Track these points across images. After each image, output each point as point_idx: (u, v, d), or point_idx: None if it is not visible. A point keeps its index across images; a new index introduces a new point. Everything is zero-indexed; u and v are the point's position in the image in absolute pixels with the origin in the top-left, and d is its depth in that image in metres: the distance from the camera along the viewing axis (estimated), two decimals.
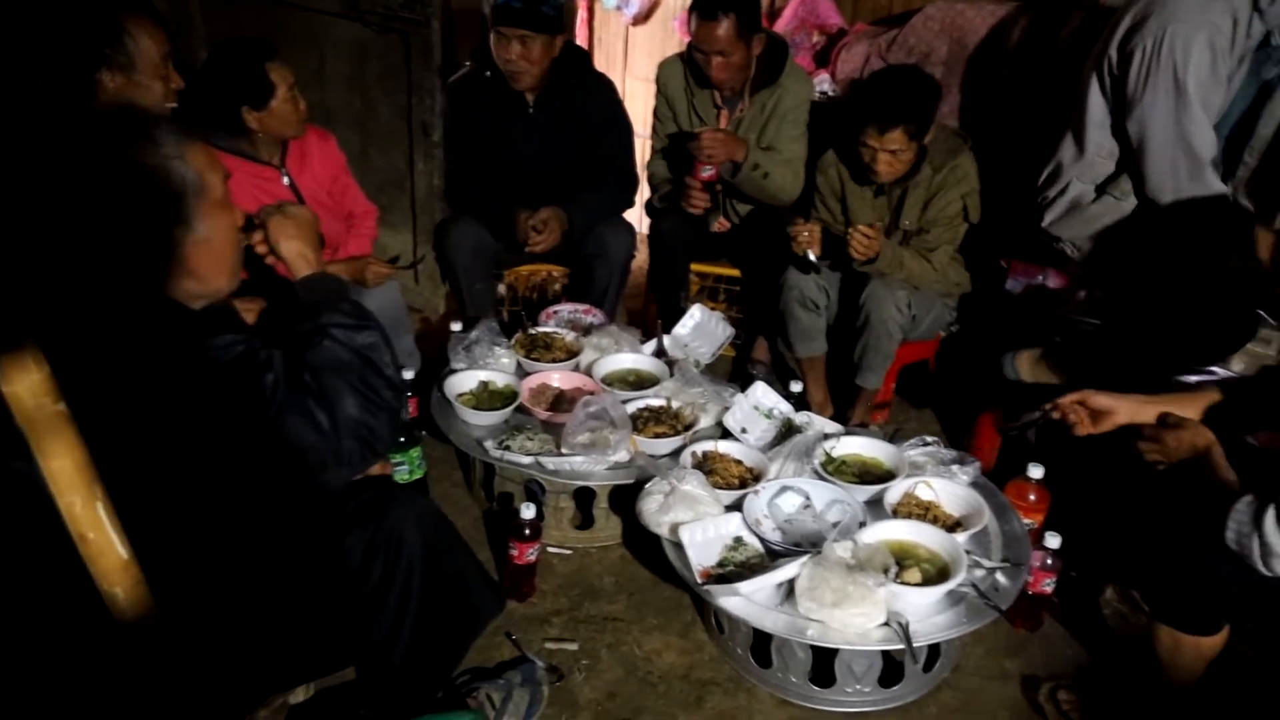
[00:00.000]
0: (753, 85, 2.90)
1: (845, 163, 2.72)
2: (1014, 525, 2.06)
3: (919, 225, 2.67)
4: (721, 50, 2.72)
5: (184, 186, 1.28)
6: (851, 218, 2.74)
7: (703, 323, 2.78)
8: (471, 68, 2.91)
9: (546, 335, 2.69)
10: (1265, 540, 1.51)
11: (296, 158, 2.45)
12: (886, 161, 2.53)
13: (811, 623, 1.76)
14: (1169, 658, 1.74)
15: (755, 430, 2.37)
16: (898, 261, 2.63)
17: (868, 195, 2.72)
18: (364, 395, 1.34)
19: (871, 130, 2.48)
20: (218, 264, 1.34)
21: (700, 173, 2.83)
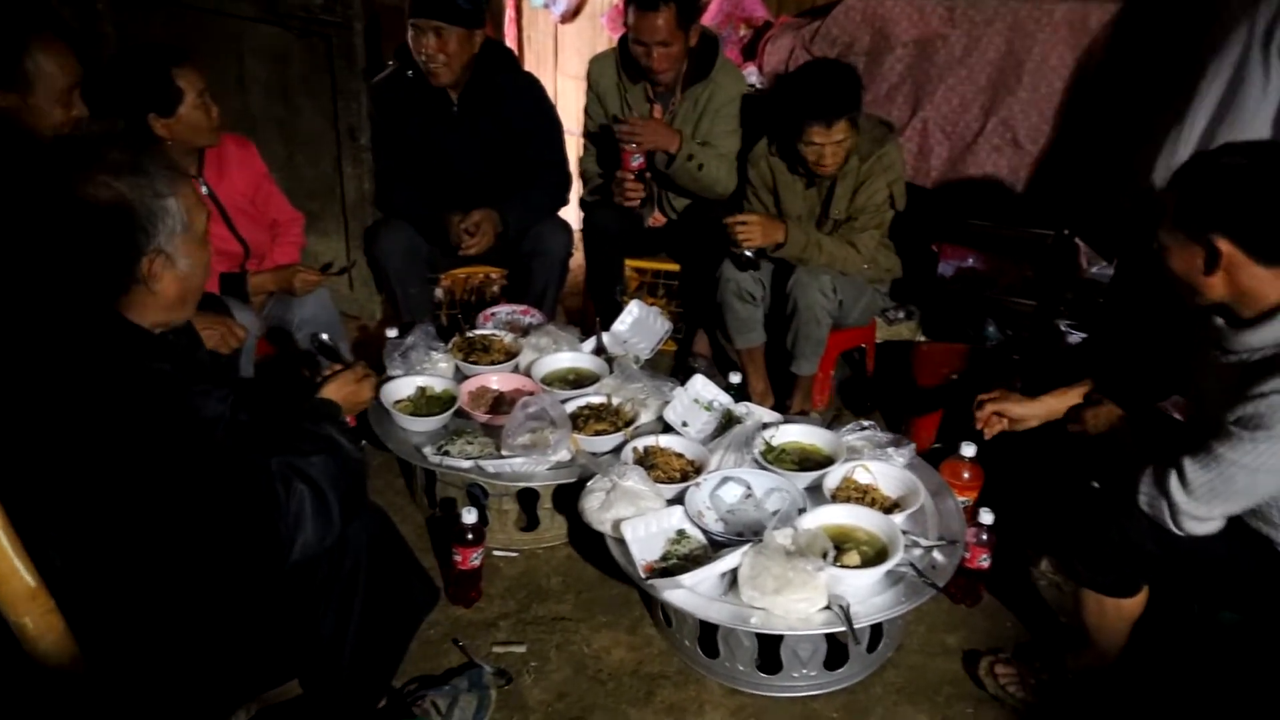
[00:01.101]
0: (685, 80, 2.91)
1: (776, 155, 2.74)
2: (949, 504, 2.10)
3: (847, 213, 2.71)
4: (662, 40, 2.74)
5: (172, 223, 1.34)
6: (784, 209, 2.77)
7: (641, 319, 2.79)
8: (394, 67, 2.87)
9: (484, 337, 2.67)
10: (1173, 501, 1.58)
11: (214, 166, 2.39)
12: (834, 154, 2.55)
13: (755, 610, 1.78)
14: (1096, 621, 1.81)
15: (696, 423, 2.38)
16: (815, 246, 2.65)
17: (799, 187, 2.75)
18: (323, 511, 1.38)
19: (818, 127, 2.49)
20: (188, 296, 1.42)
21: (630, 162, 2.83)
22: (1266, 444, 1.48)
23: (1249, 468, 1.50)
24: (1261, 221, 1.47)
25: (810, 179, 2.72)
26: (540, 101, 3.00)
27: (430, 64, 2.71)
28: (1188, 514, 1.58)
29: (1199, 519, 1.59)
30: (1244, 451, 1.50)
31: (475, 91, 2.84)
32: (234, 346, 2.12)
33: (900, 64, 3.01)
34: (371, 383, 1.71)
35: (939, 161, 3.01)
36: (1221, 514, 1.59)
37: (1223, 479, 1.53)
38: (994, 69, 2.88)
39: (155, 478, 1.25)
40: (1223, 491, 1.54)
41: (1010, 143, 2.90)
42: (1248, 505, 1.58)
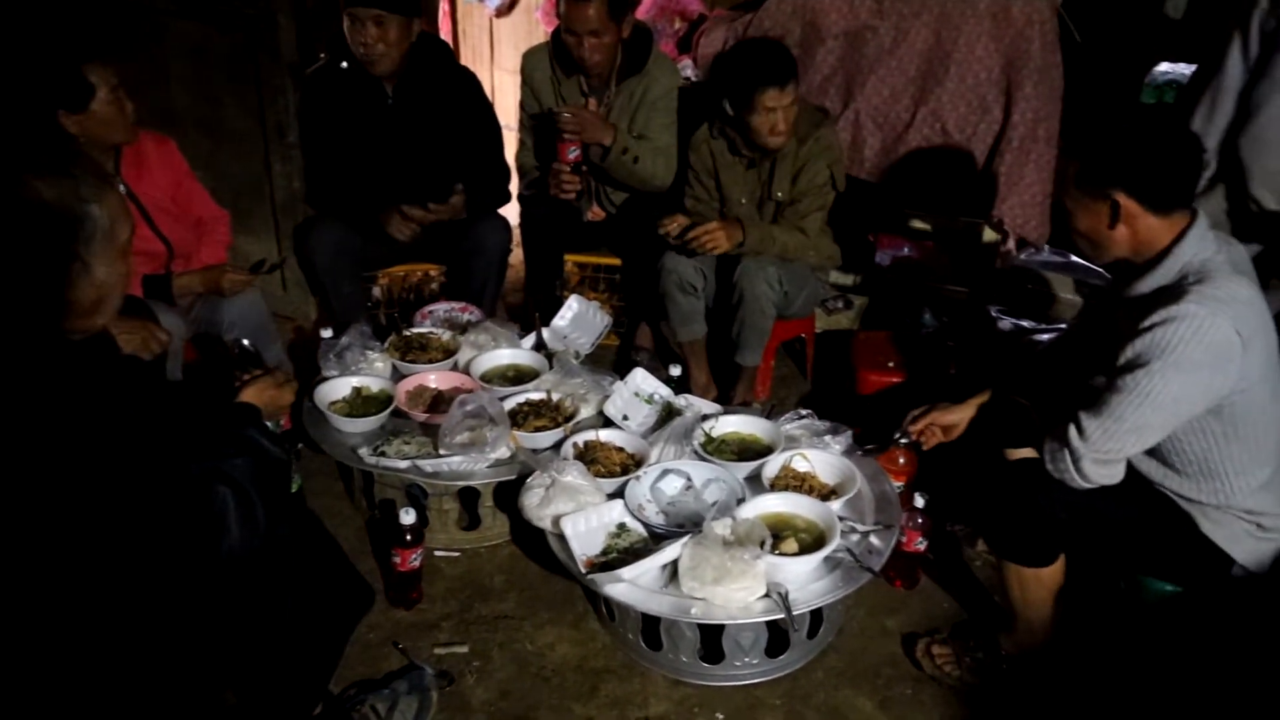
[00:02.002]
0: (619, 73, 2.90)
1: (718, 137, 2.76)
2: (885, 489, 2.13)
3: (790, 196, 2.74)
4: (594, 30, 2.72)
5: (94, 231, 1.30)
6: (725, 192, 2.79)
7: (581, 313, 2.77)
8: (327, 60, 2.81)
9: (422, 336, 2.63)
10: (1072, 449, 1.68)
11: (133, 164, 2.32)
12: (786, 120, 2.58)
13: (695, 601, 1.79)
14: (1019, 594, 1.87)
15: (636, 417, 2.38)
16: (769, 238, 2.68)
17: (740, 169, 2.77)
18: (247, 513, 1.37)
19: (773, 91, 2.53)
20: (105, 306, 1.38)
21: (566, 155, 2.81)
22: (1147, 379, 1.59)
23: (1135, 405, 1.61)
24: (1152, 175, 1.62)
25: (751, 161, 2.74)
26: (476, 96, 2.96)
27: (370, 53, 2.66)
28: (1086, 459, 1.67)
29: (1098, 462, 1.68)
30: (1129, 390, 1.61)
31: (410, 84, 2.79)
32: (156, 351, 2.06)
33: (831, 56, 3.04)
34: (293, 387, 1.70)
35: (871, 152, 3.05)
36: (1117, 455, 1.68)
37: (1114, 419, 1.63)
38: (922, 60, 2.93)
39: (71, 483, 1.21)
40: (1115, 431, 1.64)
41: (940, 133, 2.95)
42: (1141, 445, 1.67)
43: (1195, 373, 1.57)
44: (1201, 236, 1.64)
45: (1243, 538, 1.70)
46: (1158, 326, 1.58)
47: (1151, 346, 1.58)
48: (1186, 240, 1.63)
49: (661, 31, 3.38)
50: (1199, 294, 1.57)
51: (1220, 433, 1.64)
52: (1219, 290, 1.57)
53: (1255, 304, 1.62)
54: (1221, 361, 1.57)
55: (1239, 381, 1.59)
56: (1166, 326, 1.56)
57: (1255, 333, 1.59)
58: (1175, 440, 1.67)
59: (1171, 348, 1.56)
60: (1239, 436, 1.65)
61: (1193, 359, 1.56)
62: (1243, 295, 1.59)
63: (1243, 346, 1.56)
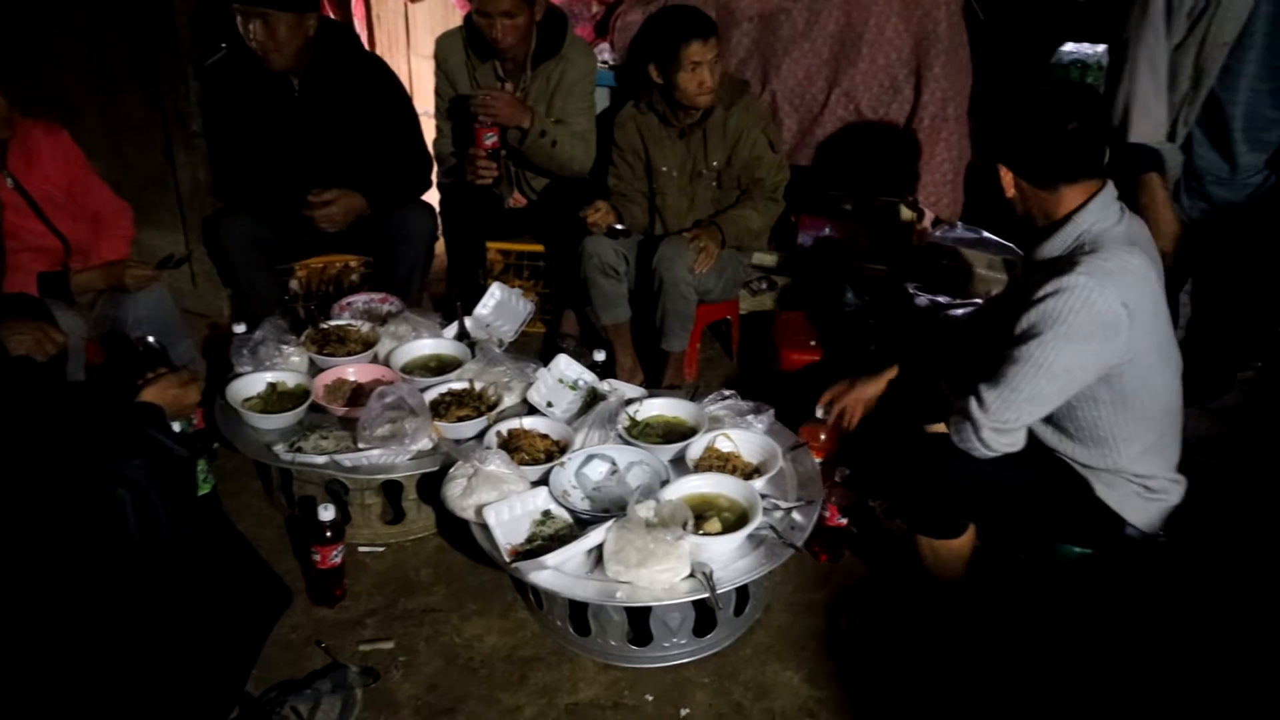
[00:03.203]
0: (534, 57, 2.86)
1: (646, 112, 2.76)
2: (807, 465, 2.16)
3: (726, 165, 2.76)
4: (506, 11, 2.69)
5: None
6: (654, 166, 2.79)
7: (503, 301, 2.75)
8: (228, 50, 2.71)
9: (340, 328, 2.58)
10: (973, 419, 1.72)
11: (20, 157, 2.21)
12: (712, 73, 2.61)
13: (621, 585, 1.79)
14: (932, 564, 1.92)
15: (561, 403, 2.37)
16: (742, 228, 2.75)
17: (672, 140, 2.78)
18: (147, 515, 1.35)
19: (697, 44, 2.56)
20: None
21: (483, 140, 2.77)
22: (1039, 349, 1.64)
23: (1030, 375, 1.66)
24: (1026, 154, 1.72)
25: (682, 131, 2.74)
26: (389, 83, 2.89)
27: (261, 50, 2.58)
28: (986, 428, 1.72)
29: (998, 431, 1.72)
30: (1024, 360, 1.66)
31: (317, 76, 2.72)
32: (50, 352, 1.97)
33: (747, 38, 3.06)
34: (198, 385, 1.65)
35: (790, 134, 3.08)
36: (1015, 424, 1.72)
37: (1010, 389, 1.69)
38: (835, 42, 2.96)
39: None
40: (1012, 401, 1.69)
41: (854, 113, 2.99)
42: (1038, 413, 1.72)
43: (1085, 343, 1.62)
44: (1104, 207, 1.68)
45: (1132, 499, 1.78)
46: (1049, 298, 1.62)
47: (1043, 317, 1.63)
48: (1086, 210, 1.68)
49: (579, 15, 3.35)
50: (1089, 265, 1.61)
51: (1109, 401, 1.70)
52: (1109, 262, 1.62)
53: (1146, 275, 1.67)
54: (1109, 332, 1.62)
55: (1126, 352, 1.64)
56: (1056, 298, 1.61)
57: (1142, 304, 1.64)
58: (1069, 408, 1.73)
59: (1061, 319, 1.61)
60: (1127, 405, 1.70)
61: (1082, 330, 1.61)
62: (1133, 266, 1.64)
63: (1129, 318, 1.61)
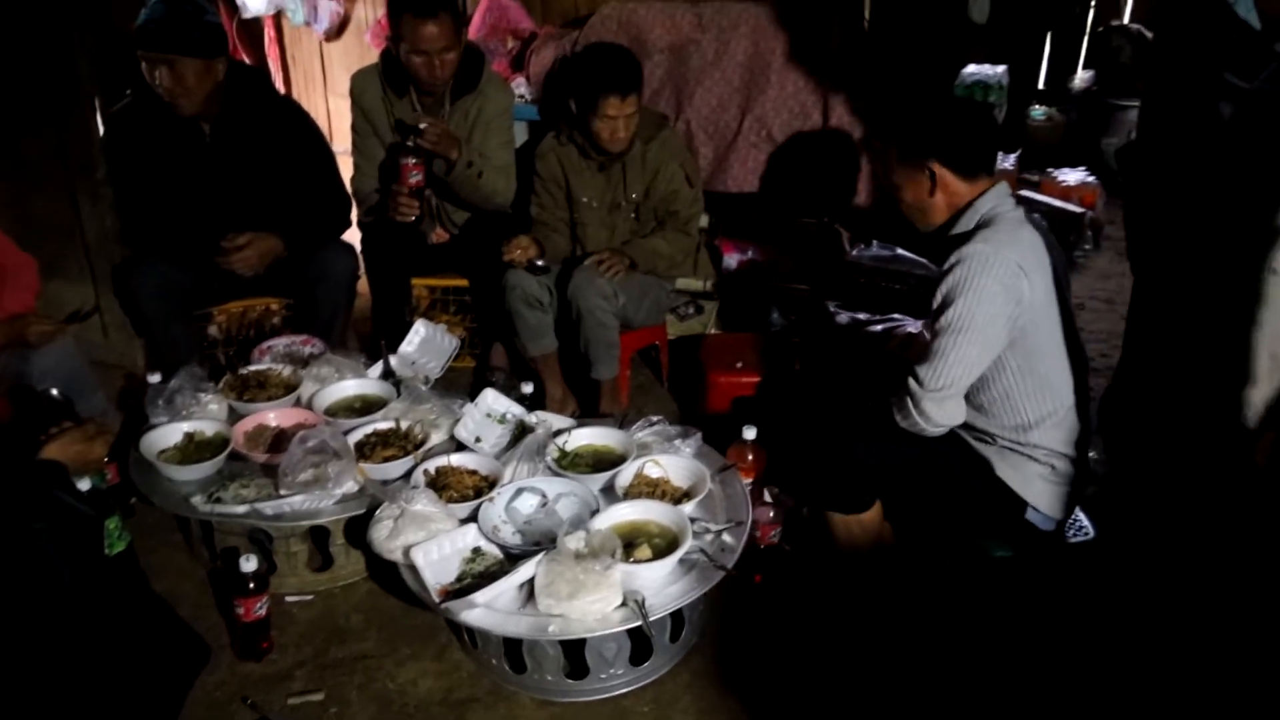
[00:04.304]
0: (453, 92, 2.87)
1: (566, 143, 2.79)
2: (736, 487, 2.18)
3: (645, 198, 2.80)
4: (445, 47, 2.70)
5: None
6: (574, 196, 2.82)
7: (428, 338, 2.72)
8: (133, 96, 2.66)
9: (260, 373, 2.52)
10: (912, 395, 1.87)
11: None
12: (626, 127, 2.65)
13: (553, 618, 1.77)
14: (845, 538, 2.06)
15: (489, 438, 2.35)
16: (654, 254, 2.78)
17: (591, 172, 2.81)
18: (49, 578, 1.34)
19: (613, 100, 2.59)
20: None
21: (407, 178, 2.75)
22: (955, 314, 1.81)
23: (953, 339, 1.81)
24: (960, 145, 1.90)
25: (601, 164, 2.77)
26: (303, 124, 2.87)
27: (169, 97, 2.54)
28: (925, 400, 1.86)
29: (936, 402, 1.86)
30: (946, 329, 1.82)
31: (229, 120, 2.68)
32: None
33: (659, 69, 3.12)
34: (105, 439, 1.59)
35: (705, 161, 3.14)
36: (951, 392, 1.86)
37: (939, 358, 1.84)
38: (744, 70, 3.04)
39: None
40: (942, 369, 1.84)
41: (766, 139, 3.06)
42: (969, 377, 1.86)
43: (993, 301, 1.80)
44: (1000, 195, 1.91)
45: (1035, 480, 1.90)
46: (954, 267, 1.82)
47: (953, 286, 1.82)
48: (985, 196, 1.90)
49: (494, 51, 3.37)
50: (984, 237, 1.83)
51: (1017, 366, 1.87)
52: (1000, 233, 1.84)
53: (1036, 247, 1.87)
54: (1010, 291, 1.80)
55: (1028, 310, 1.82)
56: (960, 265, 1.81)
57: (1035, 268, 1.84)
58: (983, 381, 1.89)
59: (968, 282, 1.80)
60: (1033, 370, 1.88)
61: (988, 289, 1.79)
62: (1024, 238, 1.86)
63: (1025, 275, 1.81)
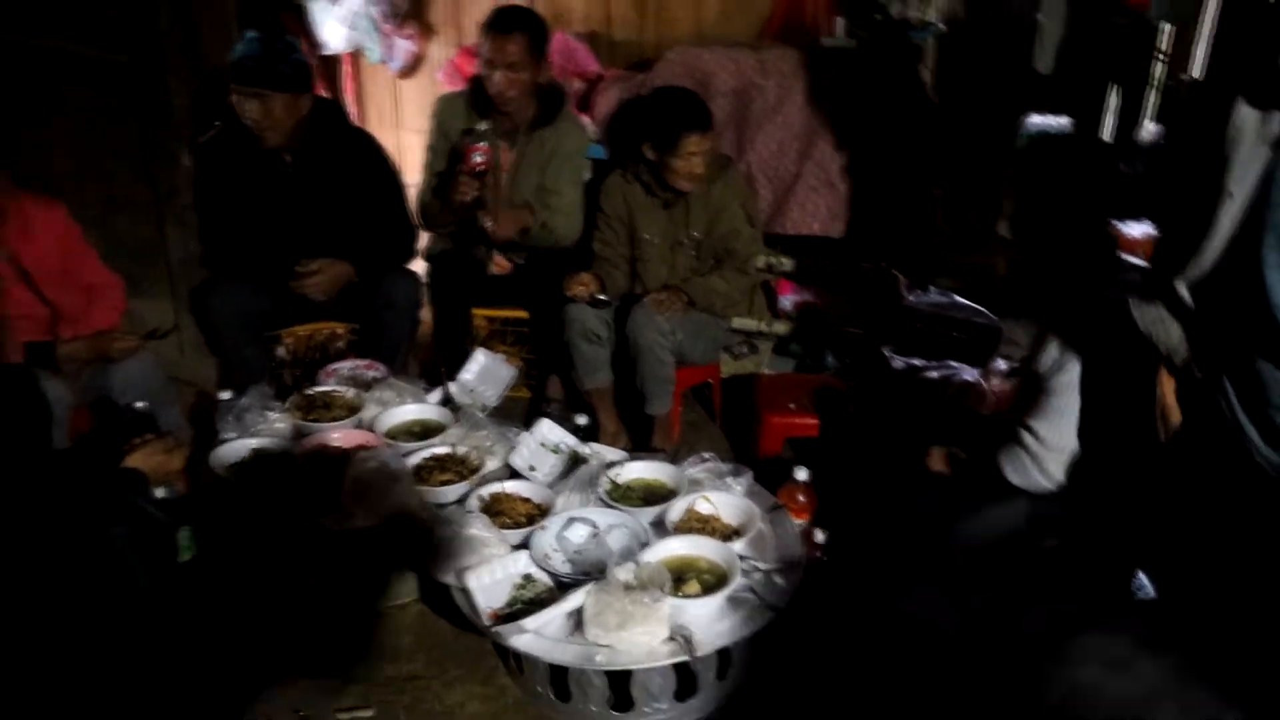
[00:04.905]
0: (532, 123, 2.98)
1: (632, 181, 2.87)
2: (787, 527, 2.18)
3: (705, 237, 2.86)
4: (511, 64, 2.81)
5: None
6: (638, 234, 2.88)
7: (487, 366, 2.79)
8: (220, 127, 2.81)
9: (325, 394, 2.61)
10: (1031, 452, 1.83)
11: (17, 230, 2.27)
12: (702, 164, 2.72)
13: (600, 648, 1.79)
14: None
15: (543, 467, 2.39)
16: (711, 292, 2.82)
17: (655, 209, 2.87)
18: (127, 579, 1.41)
19: (694, 137, 2.68)
20: None
21: (471, 159, 2.83)
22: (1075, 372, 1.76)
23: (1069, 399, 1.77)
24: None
25: (666, 202, 2.84)
26: (377, 157, 2.99)
27: (256, 129, 2.68)
28: (1050, 460, 1.82)
29: (1059, 461, 1.81)
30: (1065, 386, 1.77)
31: (309, 152, 2.81)
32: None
33: (722, 112, 3.18)
34: (183, 452, 1.68)
35: (765, 204, 3.19)
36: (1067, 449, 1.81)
37: (1062, 419, 1.79)
38: (805, 115, 3.09)
39: None
40: (1063, 427, 1.79)
41: (825, 183, 3.10)
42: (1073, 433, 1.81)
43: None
44: None
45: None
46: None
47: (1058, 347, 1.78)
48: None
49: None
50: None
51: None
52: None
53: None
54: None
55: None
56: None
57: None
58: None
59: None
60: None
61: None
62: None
63: None
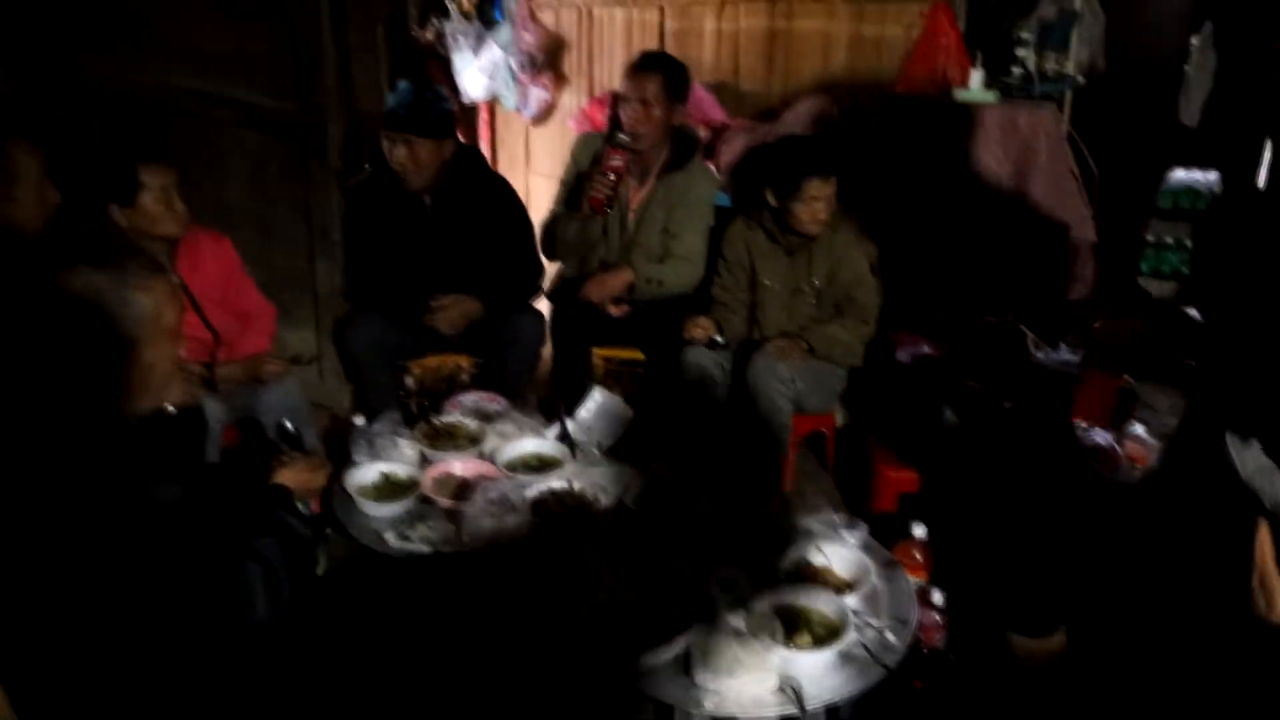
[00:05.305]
0: (664, 166, 3.07)
1: (755, 228, 2.90)
2: (901, 584, 2.13)
3: (826, 285, 2.86)
4: (646, 100, 2.92)
5: (141, 315, 1.41)
6: (759, 280, 2.91)
7: (604, 405, 2.84)
8: (370, 171, 3.01)
9: (449, 424, 2.72)
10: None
11: (188, 259, 2.49)
12: (827, 209, 2.75)
13: (708, 692, 1.79)
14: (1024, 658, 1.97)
15: None
16: (832, 341, 2.84)
17: (778, 256, 2.89)
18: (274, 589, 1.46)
19: (816, 181, 2.72)
20: (153, 386, 1.48)
21: (609, 162, 2.95)
22: None
23: None
24: None
25: (789, 249, 2.85)
26: (510, 200, 3.14)
27: (402, 172, 2.86)
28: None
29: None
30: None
31: (447, 194, 2.98)
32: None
33: None
34: (326, 470, 1.77)
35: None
36: None
37: None
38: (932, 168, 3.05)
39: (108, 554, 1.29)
40: None
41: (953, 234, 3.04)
42: None
43: None
44: None
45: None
46: None
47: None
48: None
49: None
50: None
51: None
52: None
53: None
54: None
55: None
56: None
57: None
58: None
59: None
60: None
61: None
62: None
63: None
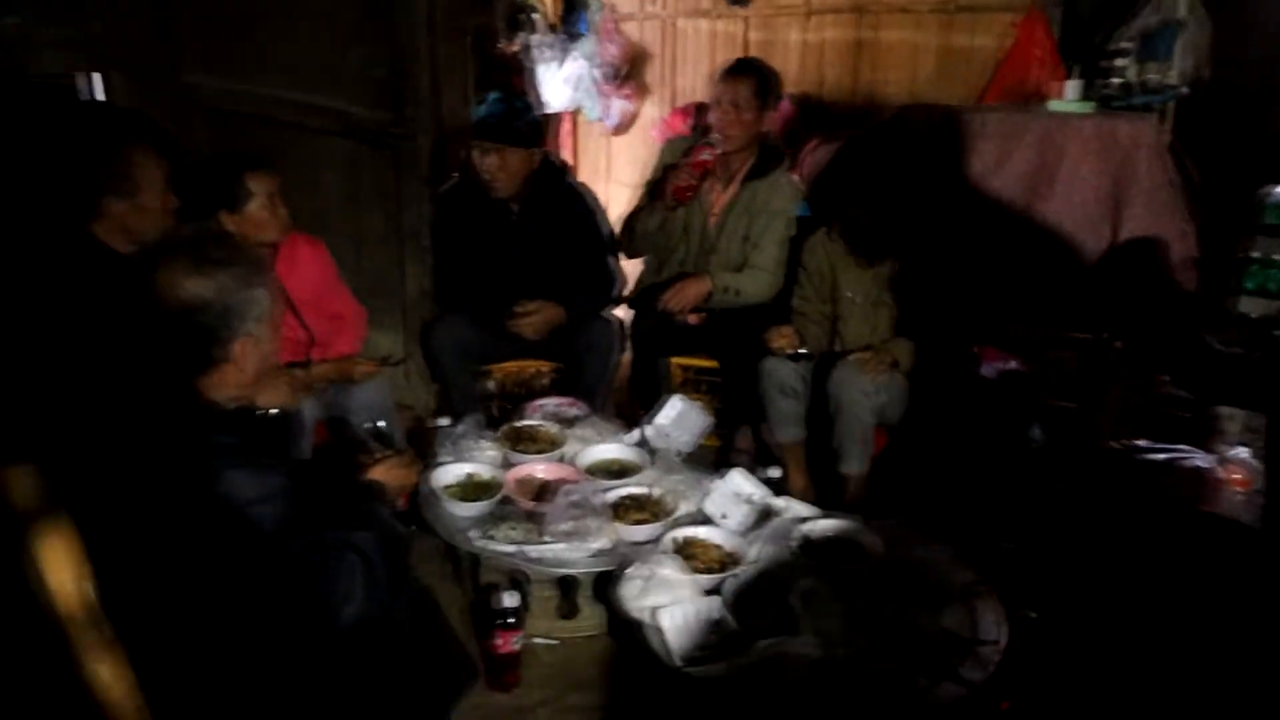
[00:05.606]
0: (749, 173, 3.08)
1: (837, 239, 2.89)
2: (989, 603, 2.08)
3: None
4: (735, 101, 2.94)
5: (260, 310, 1.53)
6: (838, 292, 2.89)
7: (683, 413, 2.85)
8: (458, 179, 3.09)
9: (531, 428, 2.76)
10: None
11: (286, 262, 2.59)
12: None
13: None
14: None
15: (735, 516, 2.40)
16: (915, 353, 2.79)
17: (859, 268, 2.87)
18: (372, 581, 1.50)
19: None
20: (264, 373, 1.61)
21: (697, 156, 2.96)
22: None
23: None
24: None
25: (870, 261, 2.83)
26: (593, 210, 3.18)
27: (491, 180, 2.93)
28: None
29: None
30: None
31: (533, 202, 3.04)
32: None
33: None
34: (418, 468, 1.82)
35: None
36: None
37: None
38: (1025, 178, 2.99)
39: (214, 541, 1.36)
40: None
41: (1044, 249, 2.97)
42: None
43: None
44: None
45: None
46: None
47: None
48: None
49: None
50: None
51: None
52: None
53: None
54: None
55: None
56: None
57: None
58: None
59: None
60: None
61: None
62: None
63: None
